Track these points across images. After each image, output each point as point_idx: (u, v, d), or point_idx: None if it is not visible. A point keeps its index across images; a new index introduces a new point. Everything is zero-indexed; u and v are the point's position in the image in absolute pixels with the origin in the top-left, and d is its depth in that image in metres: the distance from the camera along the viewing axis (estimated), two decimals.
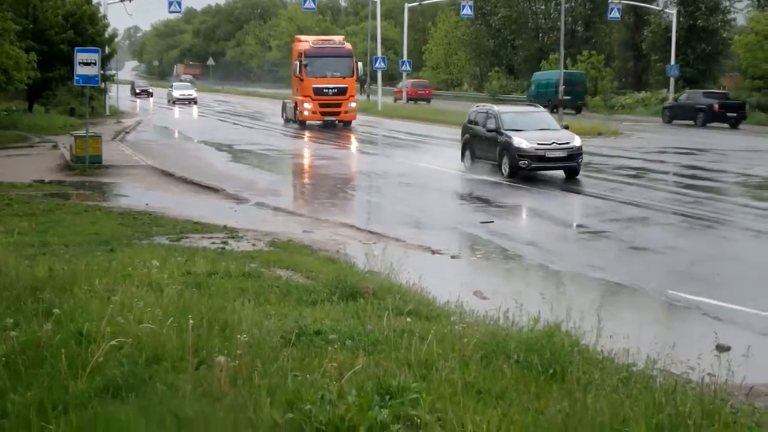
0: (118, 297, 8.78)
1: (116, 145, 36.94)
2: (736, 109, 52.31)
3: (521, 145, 26.22)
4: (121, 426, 5.91)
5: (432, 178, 27.46)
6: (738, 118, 51.47)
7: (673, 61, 63.80)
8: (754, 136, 44.92)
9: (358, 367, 6.87)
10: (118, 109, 62.23)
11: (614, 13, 64.75)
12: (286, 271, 12.73)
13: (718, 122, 51.32)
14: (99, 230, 16.83)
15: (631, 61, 76.62)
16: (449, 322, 8.67)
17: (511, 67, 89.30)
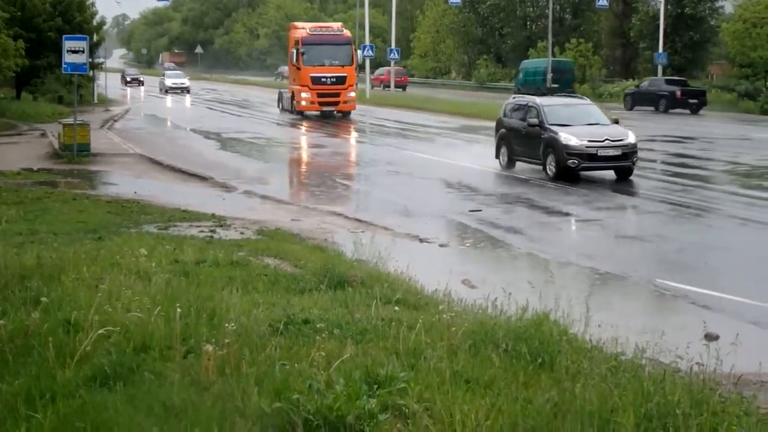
0: (106, 285, 8.75)
1: (104, 133, 36.80)
2: (697, 95, 53.32)
3: (570, 142, 23.18)
4: (109, 415, 5.91)
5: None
6: (699, 104, 52.47)
7: (661, 49, 63.83)
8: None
9: (346, 356, 6.86)
10: (106, 98, 61.96)
11: (602, 1, 64.74)
12: (274, 260, 12.70)
13: (679, 108, 52.22)
14: (87, 218, 16.78)
15: (619, 49, 76.61)
16: (437, 311, 8.66)
17: (499, 56, 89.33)
